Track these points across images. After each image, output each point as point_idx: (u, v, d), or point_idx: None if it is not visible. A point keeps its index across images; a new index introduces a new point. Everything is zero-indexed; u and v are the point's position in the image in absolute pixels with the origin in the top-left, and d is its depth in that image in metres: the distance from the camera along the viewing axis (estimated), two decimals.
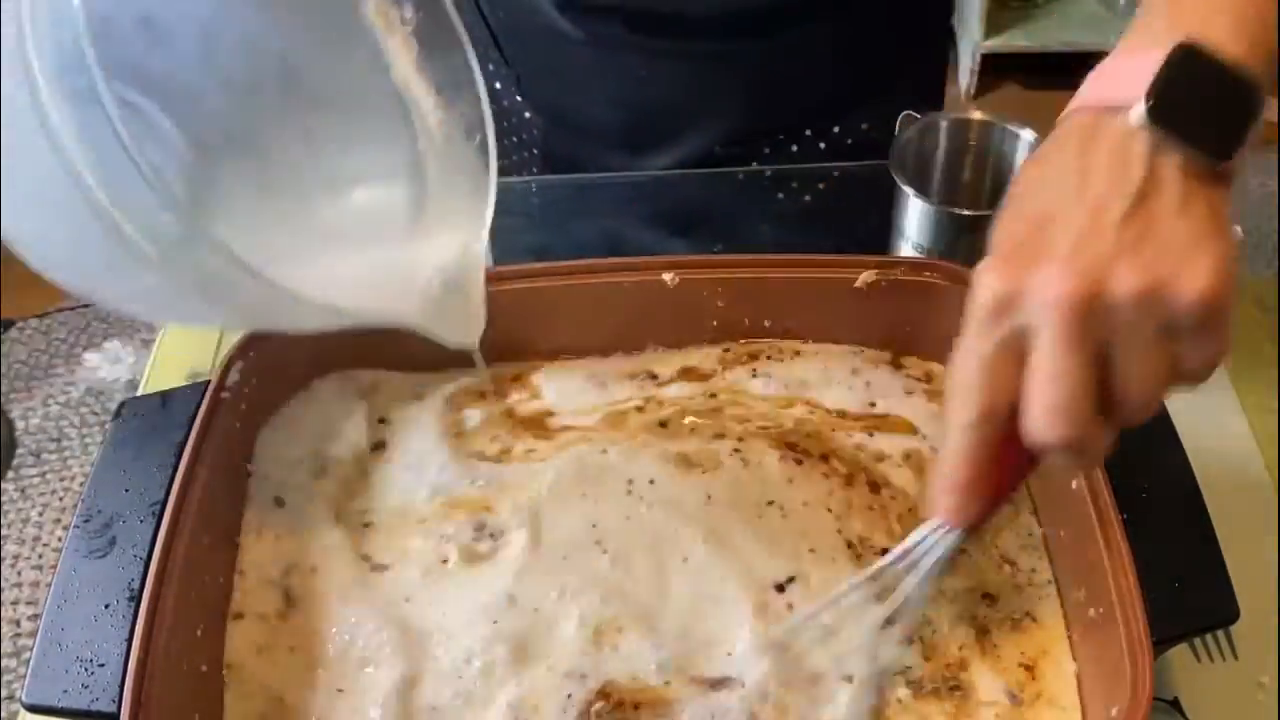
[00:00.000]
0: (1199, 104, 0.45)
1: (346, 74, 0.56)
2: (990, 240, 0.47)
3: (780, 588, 0.62)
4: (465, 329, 0.60)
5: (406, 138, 0.57)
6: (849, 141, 1.03)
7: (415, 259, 0.57)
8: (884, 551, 0.62)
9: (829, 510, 0.66)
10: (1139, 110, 0.45)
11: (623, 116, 0.98)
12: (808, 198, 0.99)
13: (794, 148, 1.02)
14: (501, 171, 0.62)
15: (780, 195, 1.00)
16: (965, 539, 0.52)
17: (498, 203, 0.63)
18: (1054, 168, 0.46)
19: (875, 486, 0.67)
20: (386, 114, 0.57)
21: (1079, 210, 0.44)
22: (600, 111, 0.98)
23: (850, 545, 0.64)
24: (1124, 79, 0.46)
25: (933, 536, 0.53)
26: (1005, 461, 0.48)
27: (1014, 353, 0.45)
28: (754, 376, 0.74)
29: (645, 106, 0.96)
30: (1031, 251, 0.44)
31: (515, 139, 1.04)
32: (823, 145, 1.02)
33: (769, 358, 0.74)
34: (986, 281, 0.45)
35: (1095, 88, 0.48)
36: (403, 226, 0.59)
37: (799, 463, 0.68)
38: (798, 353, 0.74)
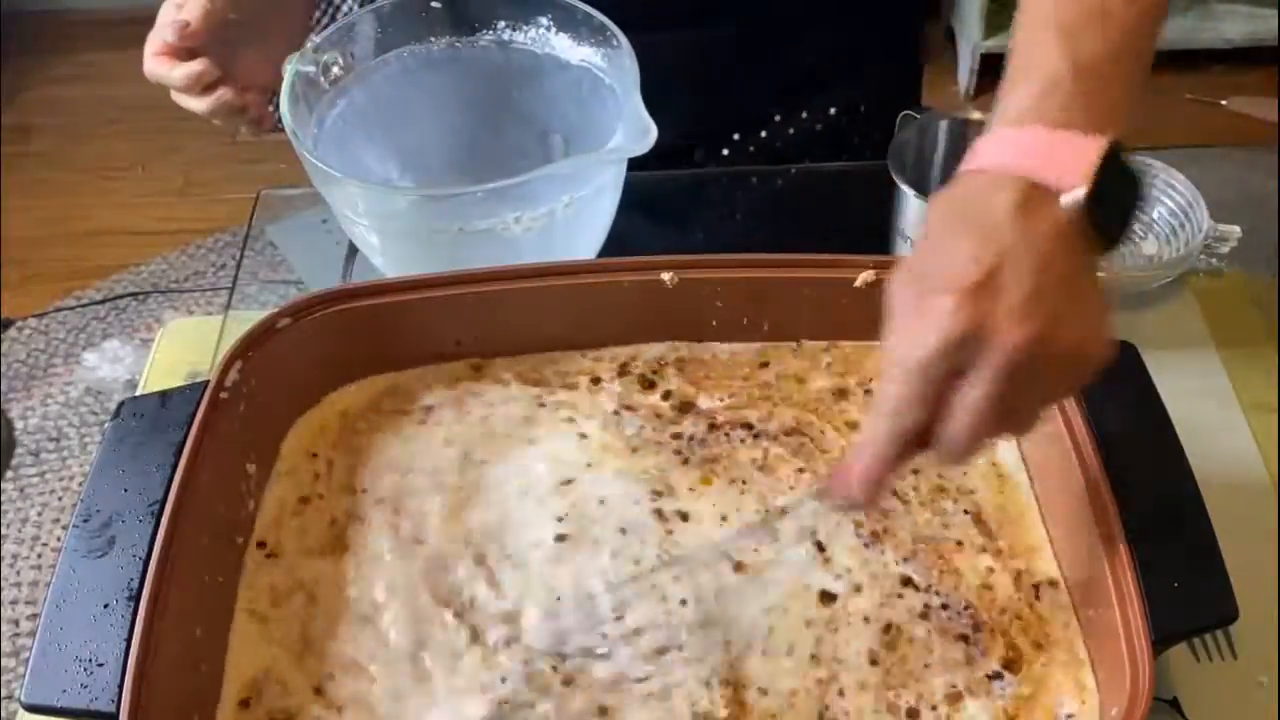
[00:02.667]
0: (1117, 202, 0.53)
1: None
2: (918, 268, 0.53)
3: None
4: None
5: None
6: (817, 128, 1.03)
7: None
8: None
9: None
10: (1076, 197, 0.51)
11: None
12: (806, 197, 0.99)
13: (762, 134, 1.02)
14: None
15: (779, 195, 1.00)
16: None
17: None
18: (990, 219, 0.51)
19: None
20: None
21: (1025, 268, 0.50)
22: None
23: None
24: (1063, 164, 0.52)
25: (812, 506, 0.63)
26: (911, 455, 0.54)
27: (949, 378, 0.51)
28: None
29: None
30: (990, 297, 0.50)
31: None
32: (791, 131, 1.02)
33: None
34: (949, 315, 0.50)
35: (1032, 161, 0.53)
36: None
37: None
38: None
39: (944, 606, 0.63)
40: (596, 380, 0.74)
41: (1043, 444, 0.66)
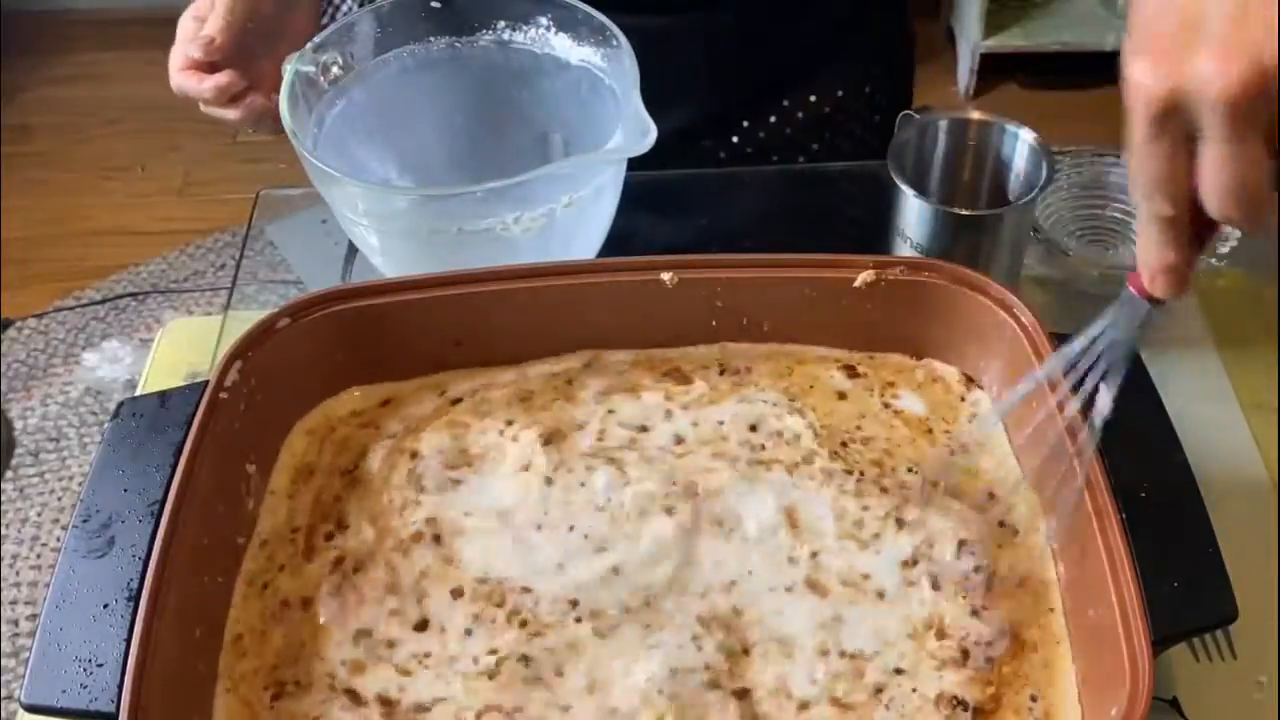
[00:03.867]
0: None
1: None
2: (1132, 33, 0.48)
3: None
4: None
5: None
6: (825, 110, 1.03)
7: None
8: None
9: None
10: None
11: None
12: (806, 197, 0.99)
13: (771, 118, 1.03)
14: None
15: (778, 194, 1.00)
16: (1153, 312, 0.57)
17: None
18: None
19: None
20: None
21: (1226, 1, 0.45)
22: None
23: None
24: None
25: (1125, 311, 0.57)
26: (1197, 230, 0.51)
27: (1187, 142, 0.47)
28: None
29: None
30: (1185, 43, 0.45)
31: None
32: (800, 115, 1.03)
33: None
34: (1144, 83, 0.46)
35: None
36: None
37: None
38: None
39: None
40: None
41: (1042, 444, 0.66)
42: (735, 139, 1.03)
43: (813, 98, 1.02)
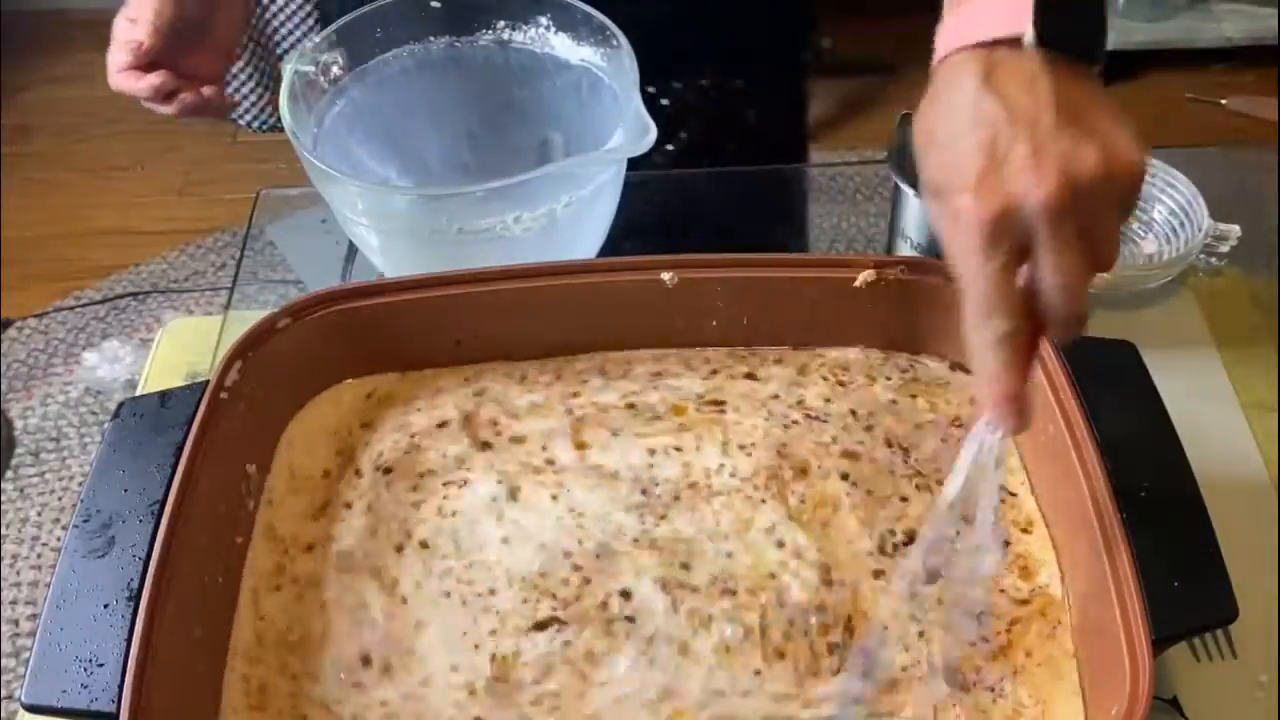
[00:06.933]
0: (1071, 23, 0.52)
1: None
2: (931, 175, 0.53)
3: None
4: None
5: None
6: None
7: None
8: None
9: None
10: (1029, 37, 0.51)
11: None
12: (807, 197, 0.99)
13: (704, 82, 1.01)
14: None
15: (778, 194, 1.00)
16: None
17: None
18: (964, 103, 0.52)
19: None
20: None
21: (1018, 126, 0.50)
22: None
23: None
24: (998, 17, 0.52)
25: (986, 441, 0.57)
26: (1030, 351, 0.53)
27: (1017, 261, 0.51)
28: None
29: None
30: (997, 169, 0.50)
31: None
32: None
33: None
34: (974, 209, 0.50)
35: (980, 28, 0.53)
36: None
37: None
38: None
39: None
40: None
41: (1043, 444, 0.66)
42: (663, 101, 1.00)
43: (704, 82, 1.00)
